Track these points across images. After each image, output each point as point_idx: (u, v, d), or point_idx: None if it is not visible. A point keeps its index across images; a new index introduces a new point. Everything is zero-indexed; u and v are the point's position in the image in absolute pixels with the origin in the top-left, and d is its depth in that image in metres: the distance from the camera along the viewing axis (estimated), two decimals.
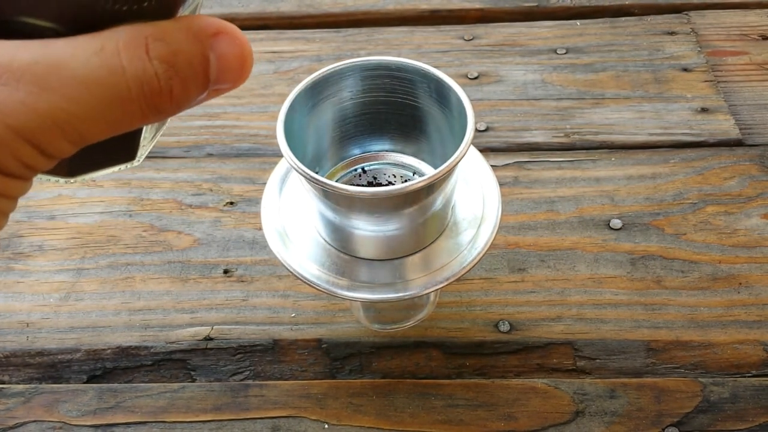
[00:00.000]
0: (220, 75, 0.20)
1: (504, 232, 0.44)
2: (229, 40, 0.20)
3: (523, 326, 0.40)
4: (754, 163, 0.47)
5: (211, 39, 0.19)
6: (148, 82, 0.18)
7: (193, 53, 0.19)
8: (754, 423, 0.35)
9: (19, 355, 0.40)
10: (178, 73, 0.19)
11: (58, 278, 0.43)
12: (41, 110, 0.17)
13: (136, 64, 0.18)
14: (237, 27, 0.20)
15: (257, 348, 0.40)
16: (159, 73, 0.18)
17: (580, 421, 0.36)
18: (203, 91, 0.20)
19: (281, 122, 0.30)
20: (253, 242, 0.45)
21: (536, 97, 0.53)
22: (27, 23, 0.17)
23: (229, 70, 0.20)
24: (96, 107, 0.18)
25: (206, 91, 0.20)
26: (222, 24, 0.20)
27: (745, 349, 0.38)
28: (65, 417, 0.37)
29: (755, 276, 0.41)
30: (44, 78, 0.17)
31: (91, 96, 0.17)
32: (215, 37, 0.19)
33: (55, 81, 0.17)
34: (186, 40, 0.19)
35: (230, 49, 0.20)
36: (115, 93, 0.18)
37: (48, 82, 0.17)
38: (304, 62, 0.57)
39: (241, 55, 0.20)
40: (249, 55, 0.20)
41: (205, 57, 0.19)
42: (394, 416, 0.37)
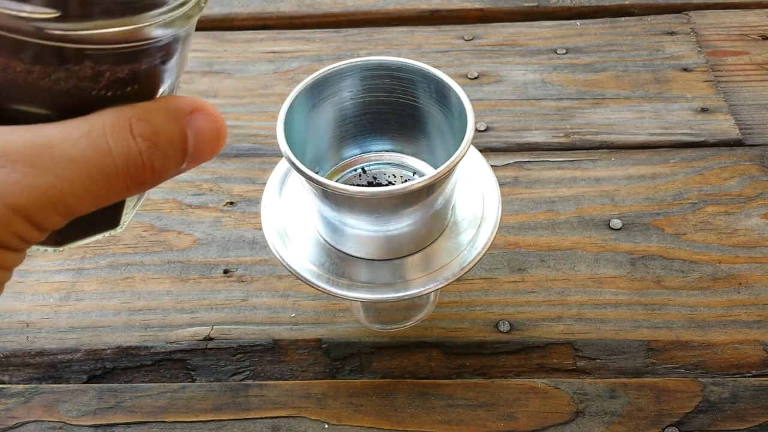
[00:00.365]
0: (197, 148, 0.22)
1: (504, 232, 0.44)
2: (205, 116, 0.22)
3: (523, 326, 0.40)
4: (754, 163, 0.47)
5: (188, 116, 0.21)
6: (132, 158, 0.20)
7: (172, 130, 0.21)
8: (754, 423, 0.35)
9: (19, 355, 0.40)
10: (159, 149, 0.21)
11: (58, 278, 0.43)
12: (36, 189, 0.19)
13: (122, 143, 0.20)
14: (210, 104, 0.22)
15: (257, 348, 0.40)
16: (142, 150, 0.20)
17: (580, 421, 0.36)
18: (182, 163, 0.22)
19: (281, 122, 0.30)
20: (253, 242, 0.45)
21: (536, 97, 0.53)
22: (21, 110, 0.19)
23: (205, 143, 0.22)
24: (85, 184, 0.19)
25: (184, 163, 0.22)
26: (197, 102, 0.22)
27: (745, 349, 0.38)
28: (65, 417, 0.37)
29: (755, 276, 0.41)
30: (38, 159, 0.19)
31: (81, 174, 0.19)
32: (192, 114, 0.21)
33: (48, 162, 0.19)
34: (166, 119, 0.21)
35: (206, 124, 0.22)
36: (102, 170, 0.19)
37: (42, 163, 0.19)
38: (304, 62, 0.57)
39: (216, 129, 0.22)
40: (222, 129, 0.22)
41: (183, 133, 0.21)
42: (394, 416, 0.37)
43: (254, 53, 0.58)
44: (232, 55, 0.58)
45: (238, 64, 0.57)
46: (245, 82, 0.55)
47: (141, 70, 0.20)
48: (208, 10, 0.62)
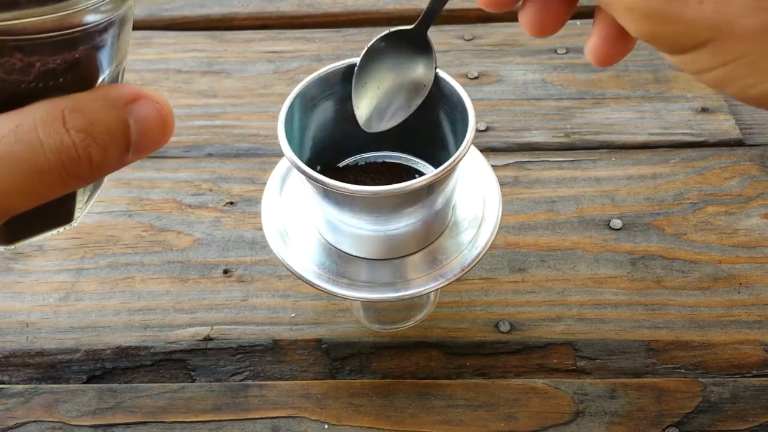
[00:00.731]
0: (141, 137, 0.21)
1: (504, 232, 0.44)
2: (148, 104, 0.21)
3: (524, 326, 0.40)
4: (754, 163, 0.47)
5: (130, 105, 0.20)
6: (65, 151, 0.19)
7: (111, 120, 0.20)
8: (754, 423, 0.35)
9: (18, 355, 0.40)
10: (96, 140, 0.19)
11: (57, 278, 0.43)
12: None
13: (54, 137, 0.19)
14: (155, 92, 0.21)
15: (257, 348, 0.40)
16: (76, 143, 0.19)
17: (580, 422, 0.36)
18: (125, 154, 0.21)
19: (281, 122, 0.30)
20: (253, 242, 0.45)
21: (536, 96, 0.53)
22: None
23: (150, 131, 0.21)
24: (16, 180, 0.18)
25: (129, 153, 0.21)
26: (140, 90, 0.21)
27: (745, 350, 0.38)
28: (65, 417, 0.37)
29: (755, 276, 0.41)
30: None
31: (10, 171, 0.18)
32: (133, 102, 0.20)
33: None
34: (103, 109, 0.20)
35: (150, 112, 0.21)
36: (33, 165, 0.18)
37: None
38: (304, 62, 0.57)
39: (161, 116, 0.21)
40: (169, 116, 0.22)
41: (124, 122, 0.20)
42: (394, 416, 0.37)
43: (254, 53, 0.58)
44: (232, 55, 0.58)
45: (237, 63, 0.57)
46: (245, 82, 0.55)
47: (74, 59, 0.19)
48: (208, 9, 0.62)
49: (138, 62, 0.57)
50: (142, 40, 0.59)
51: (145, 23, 0.61)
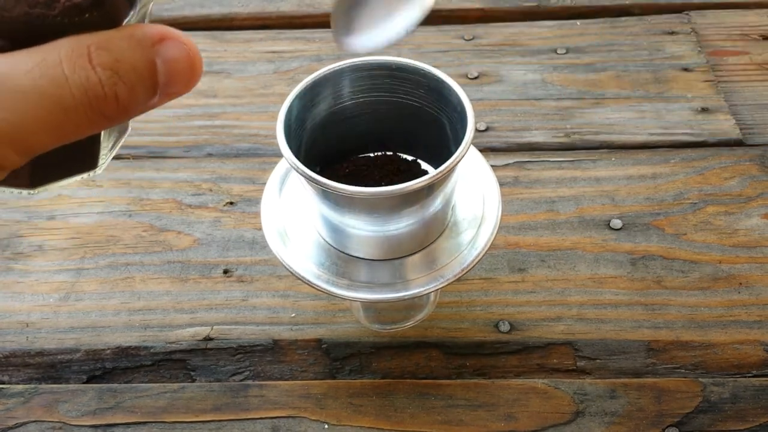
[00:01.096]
0: (169, 79, 0.20)
1: (504, 232, 0.44)
2: (176, 44, 0.20)
3: (524, 326, 0.40)
4: (754, 163, 0.47)
5: (157, 45, 0.20)
6: (92, 89, 0.18)
7: (137, 59, 0.19)
8: (754, 423, 0.35)
9: (18, 355, 0.40)
10: (123, 78, 0.19)
11: (57, 278, 0.43)
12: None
13: (79, 72, 0.18)
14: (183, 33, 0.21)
15: (257, 348, 0.40)
16: (103, 80, 0.19)
17: (580, 422, 0.36)
18: (152, 95, 0.20)
19: (281, 122, 0.30)
20: (253, 242, 0.45)
21: (536, 97, 0.53)
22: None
23: (177, 73, 0.21)
24: (41, 116, 0.18)
25: (156, 95, 0.20)
26: (167, 30, 0.20)
27: (745, 350, 0.38)
28: (65, 417, 0.37)
29: (756, 276, 0.41)
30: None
31: (35, 106, 0.18)
32: (161, 42, 0.20)
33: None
34: (129, 48, 0.19)
35: (177, 53, 0.20)
36: (58, 101, 0.18)
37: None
38: (304, 62, 0.57)
39: (189, 58, 0.21)
40: (197, 58, 0.21)
41: (151, 62, 0.20)
42: (394, 416, 0.37)
43: (254, 53, 0.58)
44: (232, 54, 0.58)
45: (237, 63, 0.57)
46: (245, 82, 0.55)
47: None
48: (208, 9, 0.62)
49: None
50: None
51: None
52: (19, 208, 0.47)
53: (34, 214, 0.47)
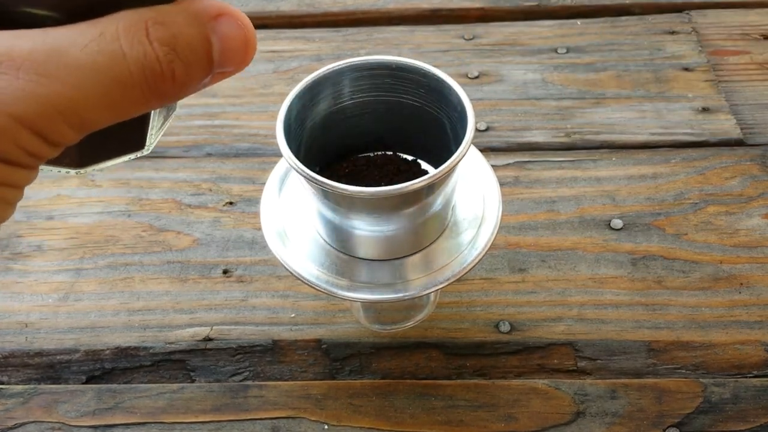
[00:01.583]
0: (223, 57, 0.20)
1: (504, 232, 0.44)
2: (232, 21, 0.20)
3: (524, 327, 0.40)
4: (755, 162, 0.47)
5: (213, 21, 0.19)
6: (149, 65, 0.18)
7: (193, 35, 0.19)
8: (755, 423, 0.35)
9: (17, 355, 0.40)
10: (180, 55, 0.19)
11: (56, 278, 0.43)
12: (41, 97, 0.17)
13: (137, 48, 0.18)
14: (239, 10, 0.20)
15: (257, 348, 0.40)
16: (160, 57, 0.18)
17: (580, 422, 0.36)
18: (207, 73, 0.20)
19: (281, 122, 0.30)
20: (253, 242, 0.45)
21: (537, 96, 0.53)
22: (27, 13, 0.17)
23: (232, 51, 0.20)
24: (98, 92, 0.18)
25: (210, 74, 0.20)
26: (224, 6, 0.20)
27: (746, 350, 0.38)
28: (64, 418, 0.37)
29: (756, 276, 0.41)
30: (43, 65, 0.17)
31: (92, 81, 0.17)
32: (217, 19, 0.19)
33: (54, 68, 0.17)
34: (186, 23, 0.19)
35: (232, 30, 0.20)
36: (116, 77, 0.18)
37: (47, 69, 0.17)
38: (303, 62, 0.57)
39: (244, 36, 0.20)
40: (252, 36, 0.20)
41: (207, 39, 0.19)
42: (394, 417, 0.37)
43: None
44: None
45: None
46: (245, 82, 0.55)
47: None
48: None
49: None
50: None
51: None
52: (18, 208, 0.47)
53: (33, 215, 0.47)
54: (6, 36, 0.17)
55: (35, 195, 0.48)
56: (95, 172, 0.49)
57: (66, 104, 0.17)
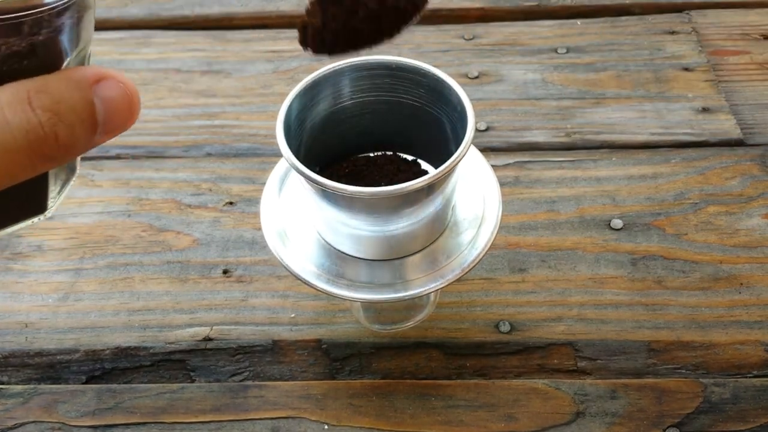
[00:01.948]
0: (107, 118, 0.21)
1: (504, 232, 0.44)
2: (113, 84, 0.21)
3: (524, 327, 0.40)
4: (755, 162, 0.47)
5: (94, 85, 0.21)
6: (32, 131, 0.19)
7: (76, 100, 0.20)
8: (755, 423, 0.35)
9: (17, 355, 0.40)
10: (62, 119, 0.20)
11: (56, 278, 0.43)
12: None
13: (20, 116, 0.19)
14: (119, 72, 0.22)
15: (257, 348, 0.40)
16: (43, 122, 0.19)
17: (580, 422, 0.36)
18: (92, 134, 0.21)
19: (281, 122, 0.30)
20: (253, 242, 0.45)
21: (537, 96, 0.53)
22: None
23: (116, 112, 0.21)
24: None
25: (96, 134, 0.21)
26: (105, 71, 0.21)
27: (746, 350, 0.38)
28: (64, 418, 0.37)
29: (756, 276, 0.41)
30: None
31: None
32: (98, 83, 0.21)
33: None
34: (68, 89, 0.20)
35: (114, 92, 0.21)
36: (2, 145, 0.19)
37: None
38: (303, 62, 0.57)
39: (126, 96, 0.22)
40: (135, 97, 0.22)
41: (90, 102, 0.21)
42: (394, 417, 0.37)
43: (254, 53, 0.58)
44: (232, 54, 0.58)
45: (237, 63, 0.57)
46: (245, 82, 0.55)
47: (38, 42, 0.19)
48: (208, 9, 0.61)
49: (138, 62, 0.57)
50: (142, 40, 0.59)
51: (145, 23, 0.61)
52: None
53: None
54: None
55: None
56: (95, 172, 0.49)
57: None
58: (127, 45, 0.58)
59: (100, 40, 0.59)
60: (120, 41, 0.59)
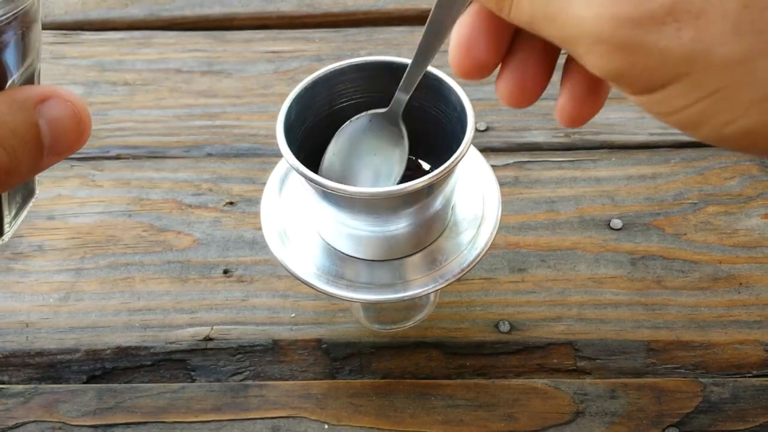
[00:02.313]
0: (54, 139, 0.20)
1: (504, 232, 0.44)
2: (60, 103, 0.20)
3: (524, 326, 0.40)
4: (754, 163, 0.47)
5: (39, 105, 0.19)
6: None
7: (18, 122, 0.19)
8: (754, 423, 0.35)
9: (18, 355, 0.40)
10: (3, 144, 0.19)
11: (57, 278, 0.43)
12: None
13: None
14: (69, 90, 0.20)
15: (257, 348, 0.40)
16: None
17: (580, 422, 0.36)
18: (38, 158, 0.20)
19: (281, 122, 0.30)
20: (253, 242, 0.45)
21: None
22: None
23: (63, 132, 0.20)
24: None
25: (42, 157, 0.20)
26: (51, 89, 0.20)
27: (745, 350, 0.38)
28: (65, 417, 0.37)
29: (756, 276, 0.41)
30: None
31: None
32: (43, 103, 0.20)
33: None
34: (9, 111, 0.19)
35: (61, 112, 0.20)
36: None
37: None
38: (304, 62, 0.57)
39: (75, 115, 0.20)
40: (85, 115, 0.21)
41: (34, 124, 0.19)
42: (394, 416, 0.37)
43: (254, 53, 0.58)
44: (232, 55, 0.58)
45: (237, 63, 0.57)
46: (245, 82, 0.55)
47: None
48: (208, 9, 0.62)
49: (138, 62, 0.57)
50: (142, 40, 0.59)
51: (145, 23, 0.61)
52: None
53: (34, 214, 0.47)
54: None
55: None
56: (96, 172, 0.49)
57: None
58: (127, 45, 0.59)
59: (101, 40, 0.59)
60: (120, 42, 0.59)
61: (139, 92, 0.55)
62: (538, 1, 0.19)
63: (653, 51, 0.17)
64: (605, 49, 0.18)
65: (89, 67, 0.57)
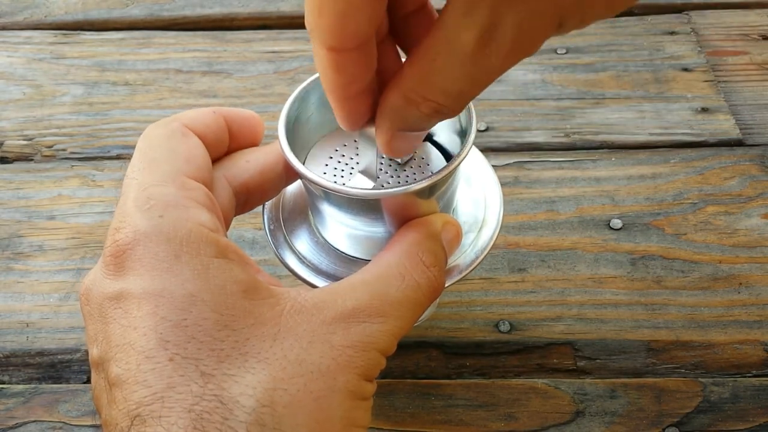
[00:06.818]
0: (449, 255, 0.30)
1: (504, 232, 0.44)
2: (450, 228, 0.29)
3: (524, 326, 0.40)
4: (754, 163, 0.47)
5: (443, 233, 0.29)
6: (431, 286, 0.26)
7: (440, 251, 0.27)
8: (754, 423, 0.35)
9: (18, 355, 0.40)
10: (442, 269, 0.27)
11: (58, 278, 0.43)
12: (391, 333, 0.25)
13: (423, 277, 0.26)
14: (452, 217, 0.30)
15: None
16: (436, 277, 0.26)
17: (580, 422, 0.36)
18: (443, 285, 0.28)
19: (282, 122, 0.30)
20: (253, 242, 0.45)
21: (536, 96, 0.53)
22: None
23: (452, 251, 0.30)
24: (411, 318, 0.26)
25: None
26: (446, 218, 0.29)
27: (745, 349, 0.38)
28: (65, 417, 0.37)
29: (756, 276, 0.41)
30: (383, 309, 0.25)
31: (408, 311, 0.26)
32: (444, 227, 0.29)
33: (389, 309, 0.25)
34: (437, 244, 0.27)
35: (452, 235, 0.29)
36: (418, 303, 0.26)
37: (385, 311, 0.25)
38: (304, 62, 0.57)
39: (457, 233, 0.29)
40: (460, 231, 0.29)
41: (444, 249, 0.28)
42: (394, 416, 0.37)
43: (254, 53, 0.58)
44: (232, 55, 0.58)
45: (238, 64, 0.57)
46: (245, 82, 0.55)
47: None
48: (209, 9, 0.62)
49: (139, 62, 0.57)
50: (142, 40, 0.59)
51: (145, 23, 0.61)
52: (19, 208, 0.47)
53: (34, 214, 0.47)
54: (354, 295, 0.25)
55: (36, 195, 0.48)
56: (96, 172, 0.49)
57: (399, 332, 0.25)
58: (128, 45, 0.59)
59: (101, 40, 0.59)
60: (121, 42, 0.59)
61: (140, 92, 0.55)
62: None
63: None
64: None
65: (89, 67, 0.57)
